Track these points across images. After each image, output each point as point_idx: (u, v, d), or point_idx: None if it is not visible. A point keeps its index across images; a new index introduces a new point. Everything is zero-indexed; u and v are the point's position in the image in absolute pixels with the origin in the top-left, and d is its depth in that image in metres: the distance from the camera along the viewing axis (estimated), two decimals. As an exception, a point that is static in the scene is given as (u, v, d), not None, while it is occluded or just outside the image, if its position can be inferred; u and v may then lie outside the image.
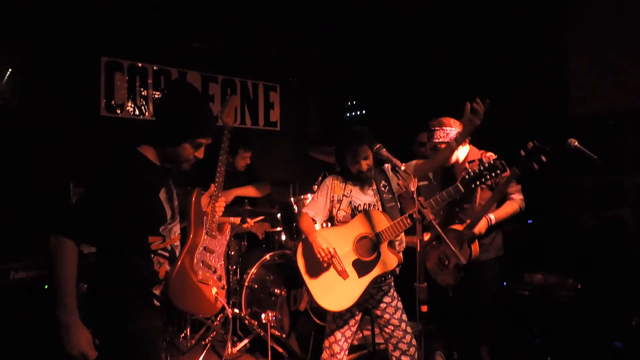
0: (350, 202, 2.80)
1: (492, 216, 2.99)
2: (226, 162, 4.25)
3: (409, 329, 2.73)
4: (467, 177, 2.47)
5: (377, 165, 2.82)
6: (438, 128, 3.10)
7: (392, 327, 2.71)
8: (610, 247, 3.81)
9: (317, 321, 2.79)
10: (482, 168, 2.44)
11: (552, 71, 4.37)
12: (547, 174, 2.92)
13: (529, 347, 3.53)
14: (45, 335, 3.40)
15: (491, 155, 3.07)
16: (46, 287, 3.54)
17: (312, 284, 2.66)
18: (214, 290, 2.20)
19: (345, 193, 2.82)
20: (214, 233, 2.28)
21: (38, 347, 3.31)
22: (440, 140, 3.08)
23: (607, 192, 4.05)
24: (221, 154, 2.48)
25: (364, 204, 2.79)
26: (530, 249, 3.17)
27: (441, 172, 3.97)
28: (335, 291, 2.60)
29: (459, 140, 2.75)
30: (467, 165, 3.17)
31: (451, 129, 3.06)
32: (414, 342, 2.71)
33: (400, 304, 2.78)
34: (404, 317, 2.75)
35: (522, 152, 2.70)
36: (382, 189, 2.79)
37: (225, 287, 2.34)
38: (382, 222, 2.61)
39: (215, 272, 2.25)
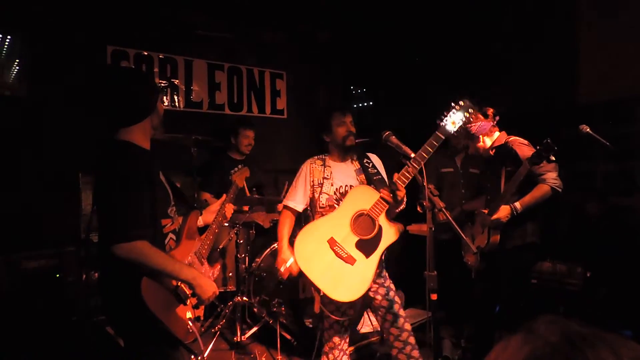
0: (332, 184, 2.72)
1: (517, 204, 2.91)
2: (232, 152, 4.36)
3: (401, 312, 2.67)
4: (442, 124, 2.39)
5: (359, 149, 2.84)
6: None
7: (383, 310, 2.65)
8: (621, 234, 3.78)
9: (333, 317, 2.71)
10: (451, 106, 2.38)
11: (563, 58, 4.31)
12: (559, 161, 2.90)
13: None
14: (55, 323, 3.46)
15: (515, 140, 3.06)
16: (57, 275, 3.59)
17: (319, 281, 2.48)
18: (189, 314, 2.01)
19: (326, 175, 2.74)
20: (202, 260, 2.23)
21: (48, 336, 3.36)
22: (462, 137, 3.16)
23: (618, 179, 4.01)
24: (225, 203, 2.47)
25: (346, 185, 2.72)
26: (539, 236, 3.15)
27: (469, 159, 3.95)
28: (346, 280, 2.47)
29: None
30: (491, 152, 3.17)
31: (473, 124, 3.09)
32: (407, 326, 2.65)
33: (392, 285, 2.74)
34: (397, 299, 2.69)
35: (537, 147, 2.70)
36: (366, 164, 2.75)
37: (202, 319, 2.17)
38: (373, 195, 2.51)
39: (194, 295, 2.07)
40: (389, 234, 2.51)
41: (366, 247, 2.50)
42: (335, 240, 2.51)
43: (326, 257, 2.48)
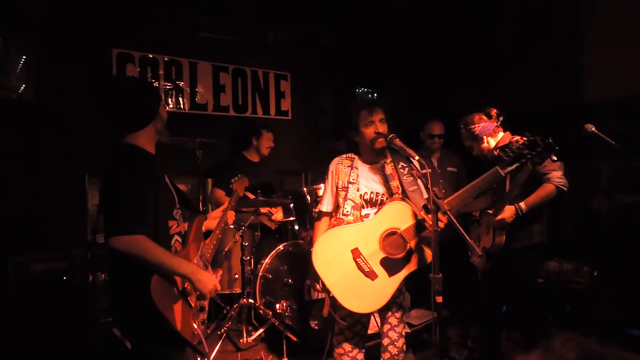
0: (358, 190, 2.54)
1: (522, 204, 2.87)
2: (249, 152, 4.53)
3: (404, 332, 2.62)
4: (506, 158, 2.21)
5: (392, 151, 2.58)
6: (462, 127, 3.11)
7: (388, 327, 2.61)
8: (627, 232, 3.76)
9: (342, 322, 2.61)
10: (521, 147, 2.21)
11: (568, 56, 4.30)
12: (564, 159, 2.88)
13: (544, 335, 3.52)
14: (62, 325, 3.48)
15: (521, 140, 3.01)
16: (64, 277, 3.60)
17: (336, 288, 2.39)
18: (194, 324, 2.00)
19: (351, 179, 2.54)
20: (207, 264, 2.23)
21: (55, 338, 3.38)
22: (466, 138, 3.11)
23: (624, 178, 4.00)
24: (226, 210, 2.49)
25: (372, 192, 2.55)
26: (545, 236, 3.14)
27: (446, 157, 3.91)
28: (363, 293, 2.38)
29: None
30: (495, 152, 3.13)
31: (476, 125, 3.04)
32: (404, 347, 2.61)
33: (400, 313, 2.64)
34: (397, 314, 2.61)
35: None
36: (401, 170, 2.53)
37: (206, 322, 2.15)
38: (410, 215, 2.39)
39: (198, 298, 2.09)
40: (418, 259, 2.41)
41: (391, 266, 2.40)
42: (360, 252, 2.41)
43: (347, 266, 2.40)
